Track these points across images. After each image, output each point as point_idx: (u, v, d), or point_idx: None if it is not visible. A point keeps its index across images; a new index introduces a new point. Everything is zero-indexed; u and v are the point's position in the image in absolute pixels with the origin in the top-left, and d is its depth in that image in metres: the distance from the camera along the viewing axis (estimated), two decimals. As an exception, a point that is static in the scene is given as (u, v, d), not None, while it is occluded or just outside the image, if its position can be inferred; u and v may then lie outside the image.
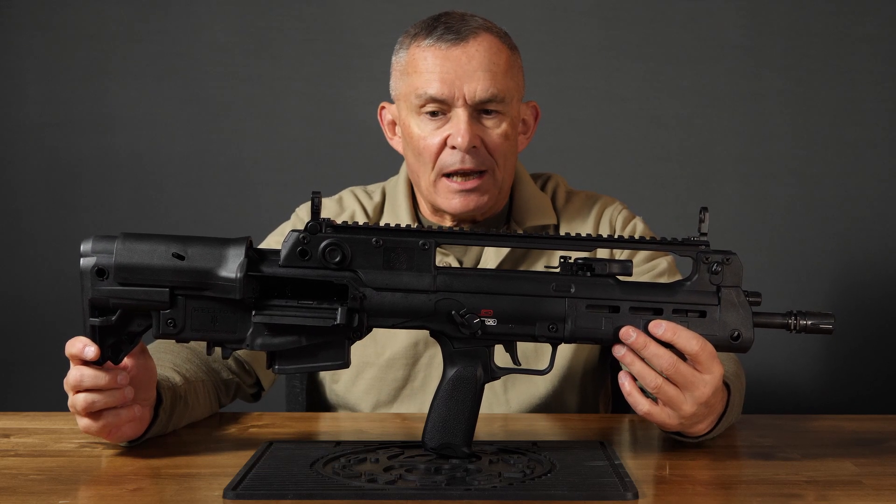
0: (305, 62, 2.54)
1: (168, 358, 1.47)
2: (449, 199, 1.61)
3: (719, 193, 2.51)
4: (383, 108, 1.72)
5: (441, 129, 1.60)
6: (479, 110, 1.59)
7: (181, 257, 1.20)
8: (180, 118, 2.54)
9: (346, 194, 1.78)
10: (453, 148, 1.59)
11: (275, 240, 1.74)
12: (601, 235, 1.30)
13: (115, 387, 1.25)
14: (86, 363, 1.24)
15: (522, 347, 1.58)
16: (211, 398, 1.54)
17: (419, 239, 1.25)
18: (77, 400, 1.26)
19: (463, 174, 1.60)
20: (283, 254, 1.22)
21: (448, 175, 1.61)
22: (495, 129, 1.60)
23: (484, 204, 1.62)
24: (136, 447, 1.35)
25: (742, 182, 2.52)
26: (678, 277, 1.66)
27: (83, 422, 1.28)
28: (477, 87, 1.57)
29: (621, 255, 1.68)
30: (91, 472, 1.25)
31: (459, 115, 1.58)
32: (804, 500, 1.15)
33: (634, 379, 1.26)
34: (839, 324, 1.32)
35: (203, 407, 1.51)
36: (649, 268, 1.68)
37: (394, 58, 1.67)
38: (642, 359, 1.25)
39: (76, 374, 1.24)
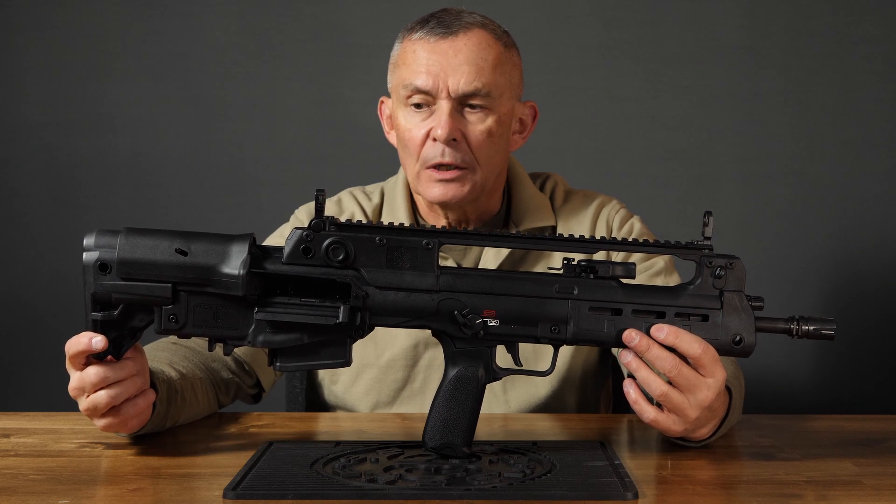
0: (305, 62, 2.54)
1: (164, 356, 1.47)
2: (430, 188, 1.61)
3: (719, 193, 2.51)
4: (383, 102, 1.73)
5: (425, 121, 1.60)
6: (462, 104, 1.59)
7: (184, 253, 1.20)
8: (180, 118, 2.55)
9: (344, 195, 1.78)
10: (434, 140, 1.59)
11: (273, 242, 1.74)
12: (603, 237, 1.30)
13: (125, 377, 1.25)
14: (87, 363, 1.25)
15: (522, 348, 1.57)
16: (209, 396, 1.54)
17: (423, 238, 1.25)
18: (100, 398, 1.25)
19: (443, 167, 1.60)
20: (286, 251, 1.22)
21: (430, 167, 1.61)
22: (479, 124, 1.59)
23: (464, 195, 1.61)
24: (137, 445, 1.35)
25: (742, 182, 2.52)
26: (675, 276, 1.67)
27: (102, 421, 1.28)
28: (461, 79, 1.57)
29: (620, 255, 1.67)
30: (91, 472, 1.25)
31: (442, 108, 1.58)
32: (804, 500, 1.15)
33: (639, 386, 1.26)
34: (839, 323, 1.32)
35: (201, 405, 1.51)
36: (646, 266, 1.67)
37: (391, 52, 1.67)
38: (648, 365, 1.25)
39: (82, 377, 1.24)
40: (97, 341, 1.22)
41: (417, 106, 1.60)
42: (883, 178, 2.50)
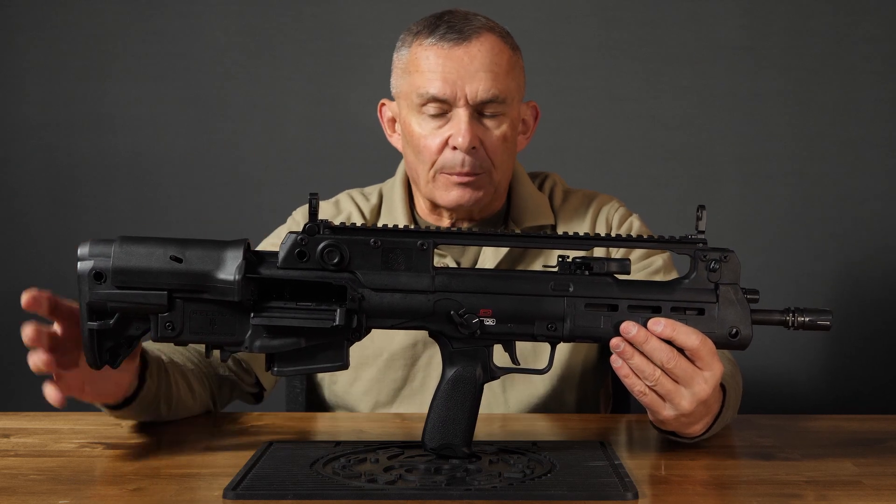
0: (305, 62, 2.54)
1: (154, 346, 1.48)
2: (447, 192, 1.62)
3: (719, 193, 2.51)
4: (383, 105, 1.73)
5: (442, 128, 1.60)
6: (479, 111, 1.60)
7: (179, 260, 1.20)
8: (180, 118, 2.55)
9: (342, 197, 1.79)
10: (454, 148, 1.59)
11: (271, 243, 1.74)
12: (598, 234, 1.30)
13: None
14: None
15: (521, 347, 1.58)
16: (203, 387, 1.54)
17: (417, 239, 1.25)
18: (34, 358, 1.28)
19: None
20: (281, 255, 1.22)
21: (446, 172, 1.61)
22: (495, 129, 1.60)
23: (480, 199, 1.62)
24: (137, 445, 1.35)
25: (742, 182, 2.52)
26: (673, 274, 1.67)
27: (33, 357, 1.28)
28: (479, 87, 1.57)
29: (617, 252, 1.68)
30: (91, 472, 1.25)
31: (460, 116, 1.58)
32: (804, 500, 1.15)
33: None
34: (839, 323, 1.32)
35: (195, 393, 1.51)
36: (644, 265, 1.68)
37: (395, 55, 1.66)
38: (641, 353, 1.25)
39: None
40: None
41: (433, 114, 1.59)
42: (883, 178, 2.50)
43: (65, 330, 1.27)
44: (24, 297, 1.25)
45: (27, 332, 1.25)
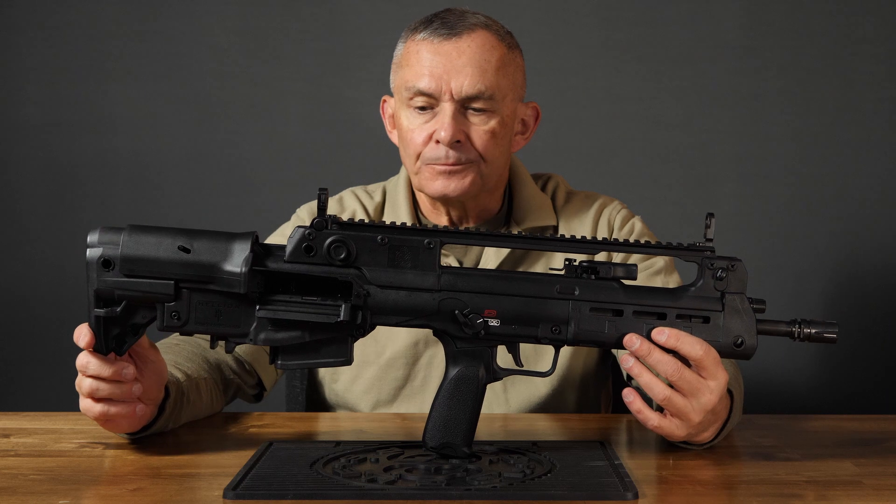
0: (305, 62, 2.54)
1: (170, 357, 1.47)
2: (432, 183, 1.61)
3: (719, 194, 2.51)
4: (385, 101, 1.73)
5: (428, 123, 1.60)
6: (465, 106, 1.59)
7: (187, 250, 1.20)
8: (180, 118, 2.55)
9: (346, 194, 1.79)
10: (437, 142, 1.59)
11: (275, 241, 1.74)
12: (605, 238, 1.30)
13: (118, 379, 1.26)
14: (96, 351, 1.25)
15: (523, 348, 1.57)
16: (213, 395, 1.54)
17: (424, 238, 1.25)
18: (83, 383, 1.27)
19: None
20: (288, 249, 1.22)
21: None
22: (482, 126, 1.59)
23: (466, 189, 1.61)
24: (137, 445, 1.35)
25: (742, 182, 2.52)
26: (675, 275, 1.67)
27: (84, 402, 1.29)
28: (464, 82, 1.57)
29: (619, 254, 1.67)
30: (91, 472, 1.25)
31: (445, 110, 1.58)
32: (804, 500, 1.15)
33: (639, 391, 1.26)
34: (839, 324, 1.32)
35: (205, 403, 1.51)
36: (646, 265, 1.68)
37: (394, 51, 1.67)
38: (650, 369, 1.24)
39: (83, 359, 1.26)
40: (81, 340, 1.23)
41: (421, 108, 1.60)
42: (883, 178, 2.50)
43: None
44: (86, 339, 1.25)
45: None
